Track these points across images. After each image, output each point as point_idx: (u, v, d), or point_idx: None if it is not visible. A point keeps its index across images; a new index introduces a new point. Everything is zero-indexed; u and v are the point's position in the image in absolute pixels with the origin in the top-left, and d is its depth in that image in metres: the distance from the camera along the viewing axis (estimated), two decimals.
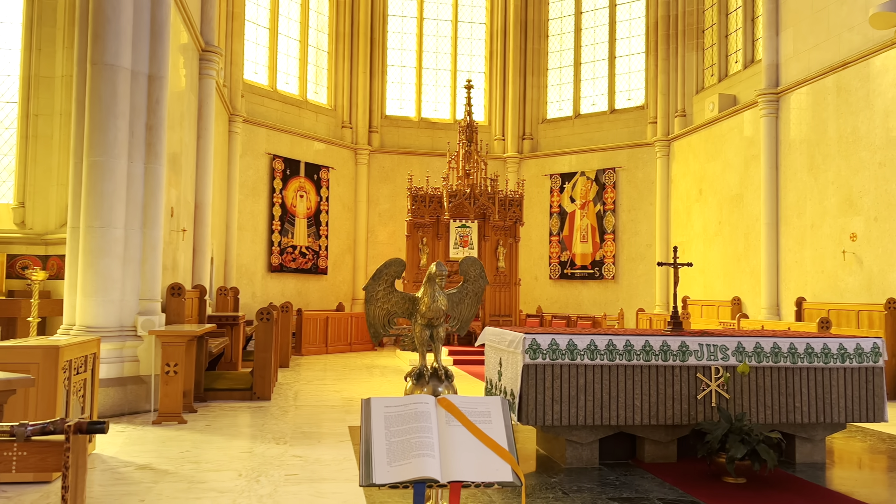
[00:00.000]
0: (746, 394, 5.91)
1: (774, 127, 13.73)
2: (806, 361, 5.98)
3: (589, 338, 5.71)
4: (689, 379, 5.83)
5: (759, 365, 5.93)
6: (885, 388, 6.16)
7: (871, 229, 11.25)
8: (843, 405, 6.04)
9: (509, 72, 21.24)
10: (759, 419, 5.91)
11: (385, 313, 2.99)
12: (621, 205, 19.32)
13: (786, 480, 5.49)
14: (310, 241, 18.43)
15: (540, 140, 21.24)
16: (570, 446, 5.83)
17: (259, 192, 17.28)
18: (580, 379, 5.68)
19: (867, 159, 11.37)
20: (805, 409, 5.98)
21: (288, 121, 18.39)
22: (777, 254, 13.58)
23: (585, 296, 19.84)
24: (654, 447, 5.98)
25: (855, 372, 6.07)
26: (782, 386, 5.96)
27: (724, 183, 15.67)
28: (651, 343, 5.78)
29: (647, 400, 5.77)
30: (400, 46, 21.40)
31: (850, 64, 11.77)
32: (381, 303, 2.97)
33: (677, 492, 5.10)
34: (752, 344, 5.94)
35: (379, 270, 2.94)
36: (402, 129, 21.01)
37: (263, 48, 18.29)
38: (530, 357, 5.62)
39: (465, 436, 2.40)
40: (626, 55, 20.11)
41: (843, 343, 6.07)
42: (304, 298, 18.39)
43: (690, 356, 5.83)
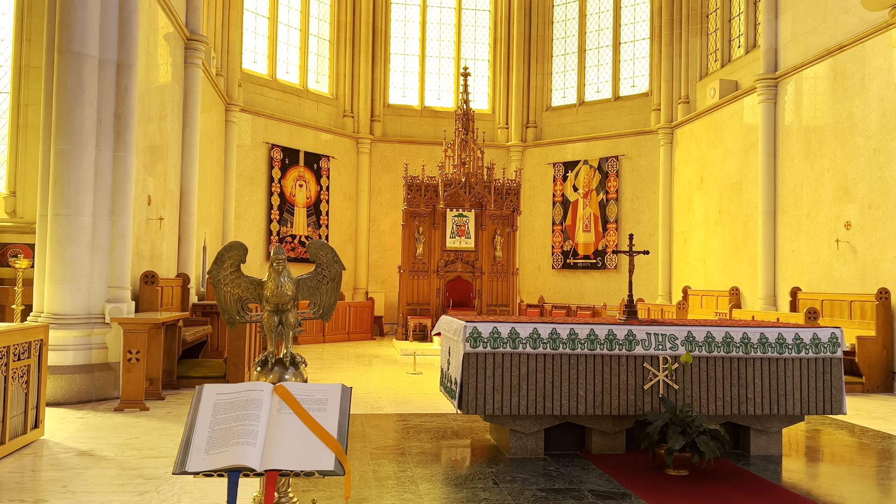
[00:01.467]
0: (697, 384, 5.77)
1: (773, 113, 13.40)
2: (759, 352, 5.82)
3: (532, 326, 5.61)
4: (635, 369, 5.71)
5: (710, 355, 5.78)
6: (843, 379, 5.96)
7: (864, 217, 10.93)
8: (799, 397, 5.86)
9: (513, 59, 21.02)
10: (709, 410, 5.76)
11: (236, 298, 2.94)
12: (624, 193, 19.06)
13: (731, 473, 5.35)
14: (309, 231, 18.47)
15: (544, 128, 21.02)
16: (514, 436, 5.74)
17: (257, 182, 17.34)
18: (522, 368, 5.58)
19: (862, 145, 11.04)
20: (758, 401, 5.82)
21: (287, 110, 18.40)
22: (774, 243, 13.29)
23: (588, 286, 19.63)
24: (602, 438, 5.87)
25: (812, 363, 5.89)
26: (734, 377, 5.80)
27: (724, 171, 15.36)
28: (596, 332, 5.66)
29: (592, 390, 5.65)
30: (403, 34, 21.28)
31: (846, 47, 11.42)
32: (228, 287, 2.92)
33: (613, 483, 5.00)
34: (703, 333, 5.78)
35: (220, 254, 2.88)
36: (405, 118, 20.92)
37: (263, 37, 18.31)
38: (471, 345, 5.53)
39: (294, 424, 2.33)
40: (630, 41, 19.78)
41: (800, 333, 5.89)
42: None
43: (637, 345, 5.70)
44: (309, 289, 2.94)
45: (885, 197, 10.50)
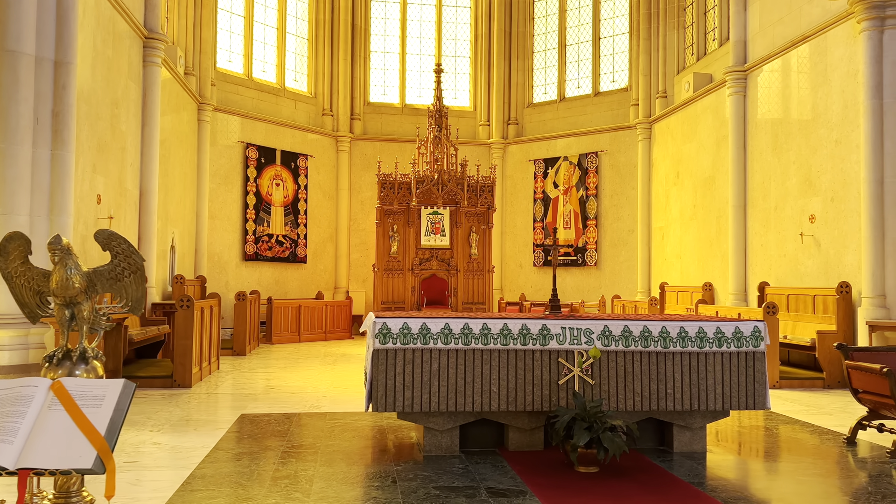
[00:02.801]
0: (614, 380, 5.65)
1: (742, 106, 13.24)
2: (679, 346, 5.70)
3: (444, 321, 5.51)
4: (550, 364, 5.60)
5: (628, 349, 5.66)
6: (767, 373, 5.83)
7: (828, 210, 10.77)
8: (721, 392, 5.74)
9: (494, 56, 20.91)
10: (627, 406, 5.65)
11: (34, 292, 2.85)
12: (604, 190, 18.92)
13: (642, 470, 5.23)
14: (287, 230, 18.41)
15: (525, 125, 20.89)
16: (428, 433, 5.65)
17: (232, 181, 17.29)
18: (434, 364, 5.48)
19: (825, 137, 10.88)
20: (678, 396, 5.70)
21: (264, 109, 18.35)
22: (745, 238, 13.13)
23: (569, 283, 19.49)
24: (519, 435, 5.77)
25: (734, 357, 5.76)
26: (653, 371, 5.68)
27: (698, 165, 15.21)
28: (510, 326, 5.56)
29: (506, 385, 5.55)
30: (383, 32, 21.20)
31: (809, 38, 11.26)
32: (21, 280, 2.83)
33: (516, 481, 4.89)
34: (620, 328, 5.67)
35: (2, 245, 2.79)
36: (386, 116, 20.84)
37: (238, 36, 18.26)
38: (380, 342, 5.44)
39: (63, 421, 2.25)
40: (610, 36, 19.63)
41: (721, 327, 5.76)
42: (283, 287, 18.40)
43: (552, 340, 5.59)
44: (108, 281, 2.84)
45: (846, 189, 10.35)
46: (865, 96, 9.74)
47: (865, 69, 9.75)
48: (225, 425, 6.67)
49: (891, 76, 9.60)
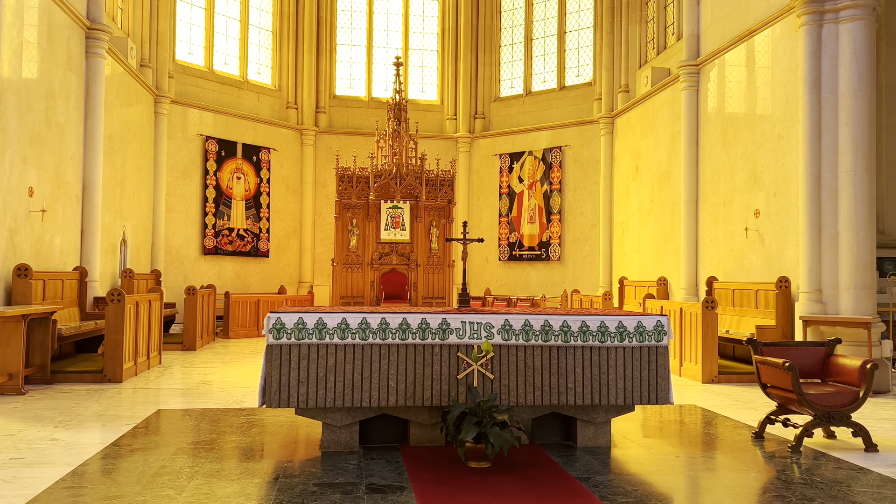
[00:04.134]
0: (514, 374, 5.61)
1: (695, 100, 13.23)
2: (580, 340, 5.67)
3: (340, 316, 5.45)
4: (449, 358, 5.55)
5: (528, 343, 5.62)
6: (669, 368, 5.81)
7: (771, 205, 10.78)
8: (623, 386, 5.71)
9: (461, 49, 20.81)
10: (527, 401, 5.61)
11: None
12: (567, 184, 18.89)
13: (534, 465, 5.20)
14: (249, 224, 18.28)
15: (492, 119, 20.83)
16: (327, 429, 5.59)
17: (191, 174, 17.14)
18: (330, 359, 5.42)
19: (769, 132, 10.87)
20: (579, 391, 5.67)
21: (226, 102, 18.19)
22: (696, 232, 13.13)
23: (533, 277, 19.49)
24: (420, 430, 5.72)
25: (636, 351, 5.74)
26: (554, 366, 5.65)
27: (655, 160, 15.20)
28: (409, 321, 5.50)
29: (405, 380, 5.50)
30: (349, 25, 21.06)
31: (755, 32, 11.24)
32: None
33: (401, 477, 4.85)
34: (521, 322, 5.63)
35: None
36: (352, 110, 20.72)
37: (199, 28, 18.08)
38: (274, 337, 5.38)
39: None
40: (575, 30, 19.58)
41: (623, 321, 5.73)
42: (244, 282, 18.29)
43: (451, 334, 5.54)
44: None
45: (787, 185, 10.35)
46: (804, 91, 9.73)
47: (804, 64, 9.73)
48: (136, 421, 6.59)
49: (829, 71, 9.59)
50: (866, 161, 9.34)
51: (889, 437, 6.37)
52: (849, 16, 9.44)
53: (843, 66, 9.47)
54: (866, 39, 9.42)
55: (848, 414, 5.80)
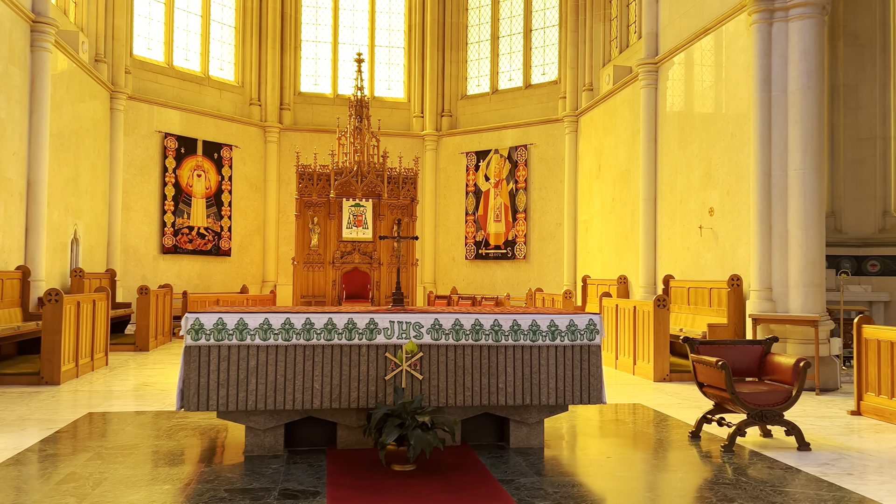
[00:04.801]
0: (444, 374, 5.49)
1: (654, 99, 13.21)
2: (511, 339, 5.56)
3: (263, 316, 5.30)
4: (377, 359, 5.42)
5: (458, 343, 5.51)
6: (602, 367, 5.73)
7: (724, 203, 10.78)
8: (555, 386, 5.62)
9: (427, 46, 20.67)
10: (457, 402, 5.50)
11: None
12: (533, 183, 18.84)
13: (460, 467, 5.08)
14: (209, 222, 18.00)
15: (459, 117, 20.71)
16: (250, 433, 5.44)
17: (149, 171, 16.82)
18: (251, 360, 5.27)
19: (722, 130, 10.87)
20: (511, 391, 5.56)
21: (186, 98, 17.88)
22: (655, 231, 13.12)
23: (499, 276, 19.42)
24: (348, 432, 5.58)
25: (568, 350, 5.64)
26: (485, 366, 5.54)
27: (616, 158, 15.18)
28: (335, 321, 5.37)
29: (330, 382, 5.36)
30: (315, 21, 20.82)
31: (710, 30, 11.23)
32: None
33: (319, 481, 4.71)
34: (451, 321, 5.51)
35: None
36: (317, 107, 20.49)
37: (159, 23, 17.76)
38: (192, 338, 5.21)
39: None
40: (541, 28, 19.54)
41: (555, 320, 5.64)
42: (206, 281, 18.01)
43: (379, 334, 5.41)
44: None
45: (740, 183, 10.35)
46: (755, 89, 9.72)
47: (755, 62, 9.73)
48: (61, 425, 6.38)
49: (779, 69, 9.59)
50: (815, 159, 9.35)
51: (826, 436, 6.35)
52: (798, 14, 9.45)
53: (793, 64, 9.48)
54: (815, 38, 9.44)
55: (780, 413, 5.76)
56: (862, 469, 5.21)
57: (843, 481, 4.86)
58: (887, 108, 14.63)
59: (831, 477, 4.97)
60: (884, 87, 14.65)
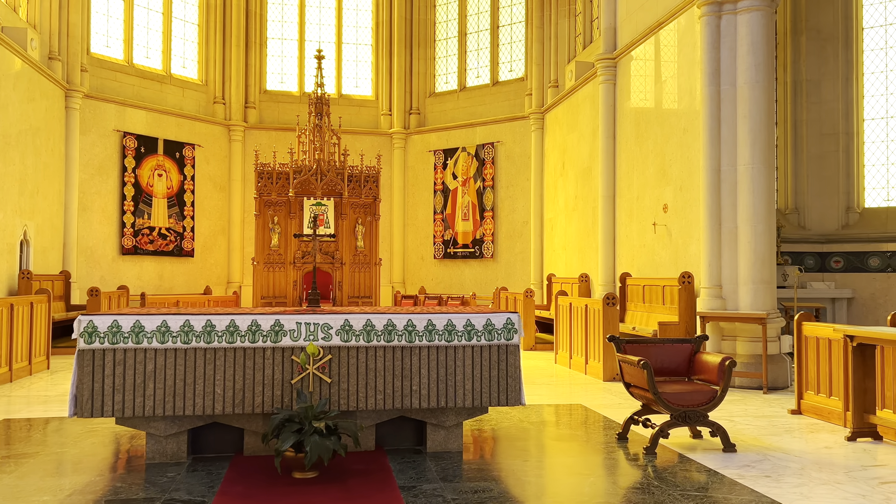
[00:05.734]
0: (354, 377, 5.29)
1: (612, 94, 13.06)
2: (425, 340, 5.37)
3: (161, 318, 5.08)
4: (283, 362, 5.21)
5: (370, 344, 5.31)
6: (521, 367, 5.54)
7: (677, 200, 10.64)
8: (471, 388, 5.43)
9: (395, 43, 20.44)
10: (369, 405, 5.30)
11: None
12: (500, 181, 18.67)
13: (364, 473, 4.88)
14: (171, 223, 17.70)
15: (428, 115, 20.51)
16: (151, 440, 5.21)
17: (107, 171, 16.51)
18: (148, 364, 5.05)
19: (675, 125, 10.73)
20: (425, 393, 5.37)
21: (147, 96, 17.58)
22: (613, 228, 12.98)
23: (468, 275, 19.23)
24: (255, 439, 5.37)
25: (486, 350, 5.46)
26: (397, 368, 5.34)
27: (578, 155, 15.03)
28: (237, 323, 5.15)
29: (233, 386, 5.14)
30: (280, 18, 20.55)
31: (664, 24, 11.09)
32: None
33: (210, 490, 4.50)
34: (362, 321, 5.31)
35: None
36: (283, 105, 20.22)
37: (118, 20, 17.45)
38: (85, 341, 4.98)
39: None
40: (508, 24, 19.36)
41: (472, 319, 5.45)
42: (168, 282, 17.71)
43: (285, 336, 5.20)
44: None
45: (692, 179, 10.20)
46: (703, 83, 9.57)
47: (703, 55, 9.58)
48: None
49: (728, 62, 9.45)
50: (764, 154, 9.21)
51: (757, 436, 6.20)
52: (746, 6, 9.30)
53: (742, 57, 9.33)
54: (764, 31, 9.30)
55: (705, 413, 5.60)
56: (782, 471, 5.05)
57: (757, 484, 4.70)
58: (850, 103, 14.58)
59: (747, 479, 4.81)
60: (846, 81, 14.59)
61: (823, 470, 5.09)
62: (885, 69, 14.37)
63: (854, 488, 4.64)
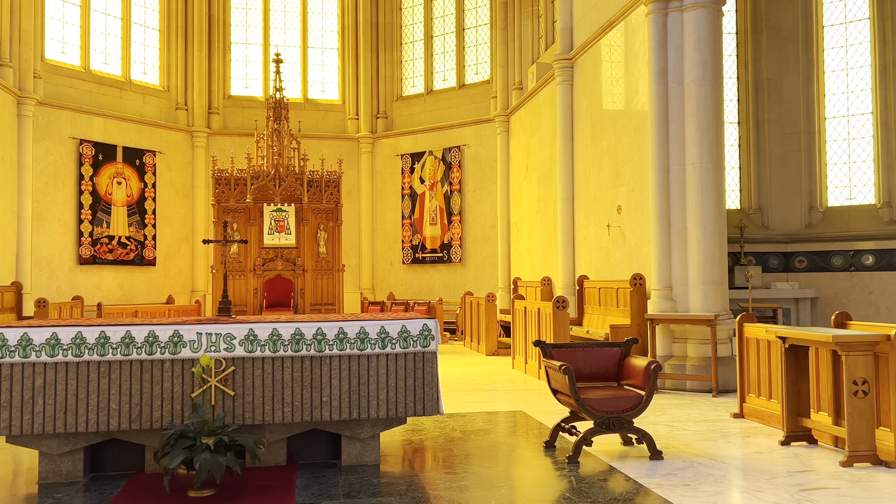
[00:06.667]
0: (260, 390, 5.06)
1: (570, 95, 12.91)
2: (336, 349, 5.14)
3: (50, 330, 4.82)
4: (183, 374, 4.97)
5: (276, 355, 5.08)
6: (438, 375, 5.32)
7: (630, 201, 10.47)
8: (385, 398, 5.21)
9: (361, 47, 20.24)
10: (276, 418, 5.06)
11: None
12: (467, 185, 18.48)
13: (263, 490, 4.64)
14: (132, 231, 17.37)
15: (395, 118, 20.30)
16: (44, 458, 4.95)
17: (63, 180, 16.17)
18: (37, 379, 4.79)
19: (627, 125, 10.58)
20: (336, 405, 5.14)
21: (105, 103, 17.26)
22: (573, 230, 12.81)
23: (437, 280, 19.01)
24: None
25: (400, 358, 5.24)
26: (306, 379, 5.11)
27: (540, 158, 14.87)
28: (133, 334, 4.90)
29: (129, 401, 4.89)
30: (244, 23, 20.30)
31: (615, 23, 10.94)
32: None
33: None
34: (268, 331, 5.08)
35: None
36: (248, 110, 19.93)
37: (74, 26, 17.14)
38: None
39: None
40: (473, 26, 19.21)
41: (386, 326, 5.23)
42: (129, 292, 17.37)
43: (184, 348, 4.96)
44: None
45: (643, 179, 10.04)
46: (651, 81, 9.42)
47: (651, 54, 9.43)
48: None
49: (675, 61, 9.30)
50: (712, 153, 9.06)
51: (691, 442, 6.00)
52: (692, 4, 9.16)
53: (689, 55, 9.19)
54: (710, 28, 9.16)
55: (630, 419, 5.40)
56: (703, 479, 4.85)
57: (673, 493, 4.50)
58: (811, 101, 14.49)
59: (665, 489, 4.61)
60: (807, 80, 14.51)
61: (747, 477, 4.90)
62: (846, 67, 14.31)
63: (771, 496, 4.45)
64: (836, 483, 4.74)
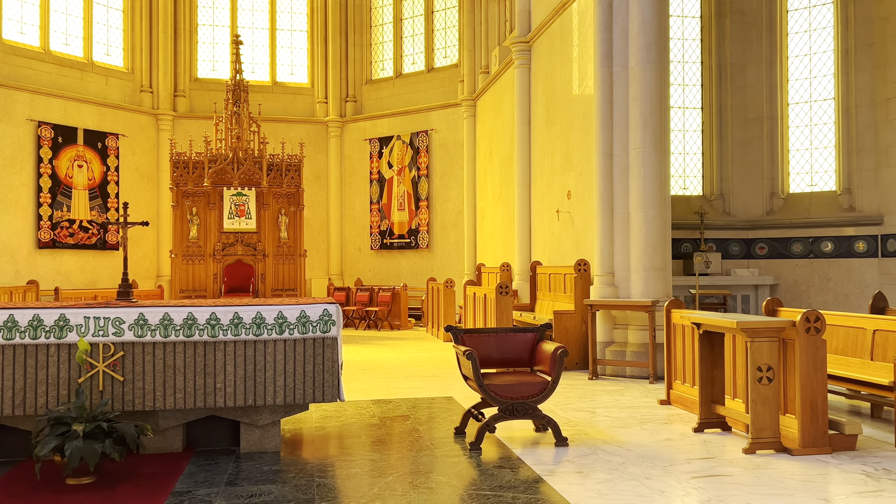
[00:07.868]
0: (151, 375, 4.94)
1: (527, 79, 12.76)
2: (230, 334, 5.03)
3: None
4: (69, 359, 4.84)
5: (168, 339, 4.96)
6: (339, 361, 5.22)
7: (579, 186, 10.37)
8: (284, 384, 5.10)
9: (330, 29, 19.98)
10: (167, 404, 4.95)
11: None
12: (434, 170, 18.33)
13: (144, 478, 4.54)
14: (94, 215, 17.16)
15: (364, 102, 20.09)
16: None
17: (20, 163, 15.93)
18: None
19: (577, 109, 10.45)
20: (231, 391, 5.04)
21: (66, 85, 16.99)
22: (529, 216, 12.70)
23: (404, 266, 18.90)
24: None
25: (298, 344, 5.13)
26: (199, 364, 5.00)
27: (502, 142, 14.73)
28: (16, 318, 4.78)
29: (12, 386, 4.77)
30: (212, 4, 19.99)
31: (567, 4, 10.79)
32: None
33: None
34: (160, 315, 4.96)
35: None
36: (215, 93, 19.61)
37: (33, 6, 16.82)
38: None
39: None
40: (442, 9, 18.97)
41: (284, 311, 5.12)
42: (91, 276, 17.19)
43: (71, 332, 4.84)
44: None
45: (590, 163, 9.93)
46: (596, 64, 9.29)
47: (596, 36, 9.29)
48: None
49: (620, 43, 9.16)
50: (656, 137, 8.94)
51: (606, 429, 5.93)
52: None
53: (633, 38, 9.05)
54: (656, 10, 9.00)
55: (534, 405, 5.32)
56: (600, 466, 4.78)
57: (562, 481, 4.42)
58: (774, 87, 14.38)
59: (556, 476, 4.54)
60: (770, 65, 14.39)
61: (644, 464, 4.83)
62: (809, 52, 14.19)
63: (660, 484, 4.38)
64: (730, 470, 4.68)
